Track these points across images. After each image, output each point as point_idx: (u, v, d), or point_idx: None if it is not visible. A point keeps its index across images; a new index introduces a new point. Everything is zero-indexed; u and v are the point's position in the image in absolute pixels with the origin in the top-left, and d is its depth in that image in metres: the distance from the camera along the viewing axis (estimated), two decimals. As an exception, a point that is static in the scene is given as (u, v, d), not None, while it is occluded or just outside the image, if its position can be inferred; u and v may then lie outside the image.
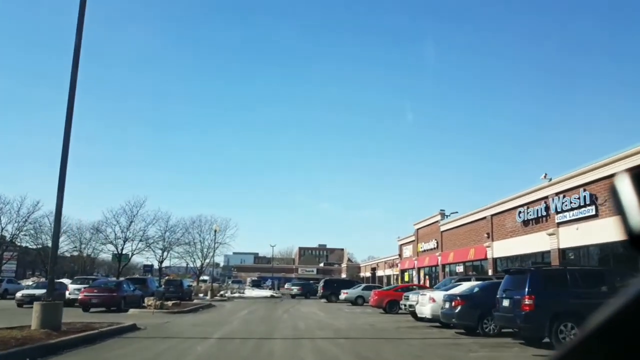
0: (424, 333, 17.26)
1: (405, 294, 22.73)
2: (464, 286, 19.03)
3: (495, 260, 30.47)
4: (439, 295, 18.51)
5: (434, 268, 40.99)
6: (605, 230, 19.68)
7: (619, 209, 0.80)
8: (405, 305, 21.95)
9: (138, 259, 60.26)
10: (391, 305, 26.55)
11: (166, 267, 65.25)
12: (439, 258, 39.33)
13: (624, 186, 0.80)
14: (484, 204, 32.47)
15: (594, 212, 21.87)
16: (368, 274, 72.42)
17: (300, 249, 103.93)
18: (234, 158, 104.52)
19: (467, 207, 38.98)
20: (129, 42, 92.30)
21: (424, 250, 43.20)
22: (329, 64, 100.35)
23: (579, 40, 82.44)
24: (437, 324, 18.89)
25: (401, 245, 52.11)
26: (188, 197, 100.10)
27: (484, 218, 31.83)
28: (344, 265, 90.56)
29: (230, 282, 70.83)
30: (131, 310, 25.26)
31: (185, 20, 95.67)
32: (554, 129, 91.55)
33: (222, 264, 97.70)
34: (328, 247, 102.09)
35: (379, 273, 67.56)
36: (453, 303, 16.55)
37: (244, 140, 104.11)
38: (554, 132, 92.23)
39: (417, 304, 20.02)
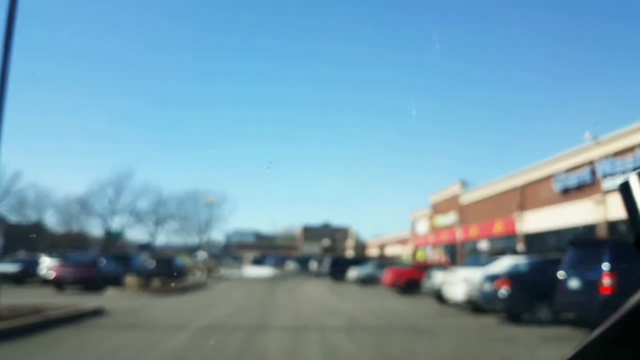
0: (459, 321, 13.83)
1: (428, 272, 19.26)
2: (503, 263, 15.54)
3: (526, 235, 26.91)
4: (474, 274, 15.01)
5: (452, 244, 37.43)
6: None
7: (629, 210, 0.80)
8: (428, 286, 18.51)
9: (136, 237, 56.94)
10: (409, 286, 23.12)
11: (164, 245, 62.04)
12: (459, 233, 35.75)
13: (635, 187, 0.80)
14: (511, 172, 28.85)
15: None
16: (375, 252, 69.22)
17: (304, 227, 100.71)
18: (235, 133, 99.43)
19: (489, 179, 35.08)
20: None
21: (441, 225, 39.62)
22: (343, 40, 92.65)
23: None
24: (470, 309, 15.48)
25: (415, 220, 48.44)
26: (182, 172, 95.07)
27: (514, 187, 28.12)
28: (349, 242, 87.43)
29: (230, 260, 67.85)
30: (110, 290, 22.11)
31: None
32: (600, 77, 70.89)
33: (223, 242, 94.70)
34: (332, 224, 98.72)
35: (388, 251, 64.29)
36: (496, 284, 13.06)
37: (243, 116, 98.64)
38: (600, 82, 71.15)
39: (444, 284, 16.56)
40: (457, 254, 35.37)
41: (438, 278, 17.54)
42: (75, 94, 79.70)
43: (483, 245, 31.74)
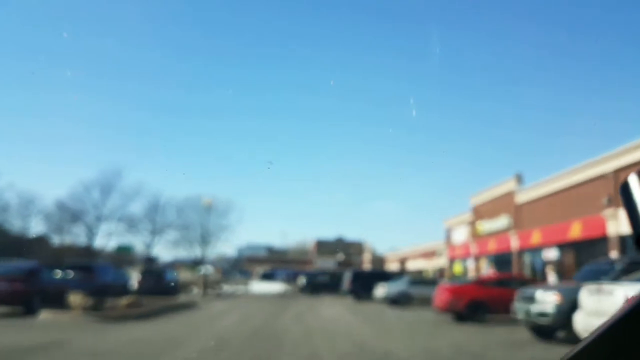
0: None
1: (525, 292, 12.35)
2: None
3: (621, 237, 19.79)
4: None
5: (504, 254, 30.19)
6: None
7: (629, 210, 0.79)
8: (533, 312, 11.56)
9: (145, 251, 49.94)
10: (472, 310, 16.29)
11: (174, 259, 55.52)
12: (514, 240, 28.57)
13: (635, 186, 0.79)
14: (596, 156, 21.81)
15: None
16: (395, 267, 62.19)
17: (317, 241, 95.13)
18: (244, 144, 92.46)
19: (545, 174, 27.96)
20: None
21: (488, 232, 32.35)
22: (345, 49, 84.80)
23: None
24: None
25: (449, 227, 41.07)
26: (185, 182, 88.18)
27: (602, 174, 21.00)
28: (366, 256, 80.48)
29: (237, 275, 61.46)
30: (44, 313, 15.65)
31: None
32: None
33: (234, 256, 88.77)
34: (346, 238, 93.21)
35: (410, 265, 57.23)
36: None
37: (253, 126, 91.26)
38: None
39: (582, 312, 9.66)
40: (511, 267, 28.31)
41: (551, 299, 10.66)
42: (65, 94, 73.77)
43: (551, 254, 24.68)
